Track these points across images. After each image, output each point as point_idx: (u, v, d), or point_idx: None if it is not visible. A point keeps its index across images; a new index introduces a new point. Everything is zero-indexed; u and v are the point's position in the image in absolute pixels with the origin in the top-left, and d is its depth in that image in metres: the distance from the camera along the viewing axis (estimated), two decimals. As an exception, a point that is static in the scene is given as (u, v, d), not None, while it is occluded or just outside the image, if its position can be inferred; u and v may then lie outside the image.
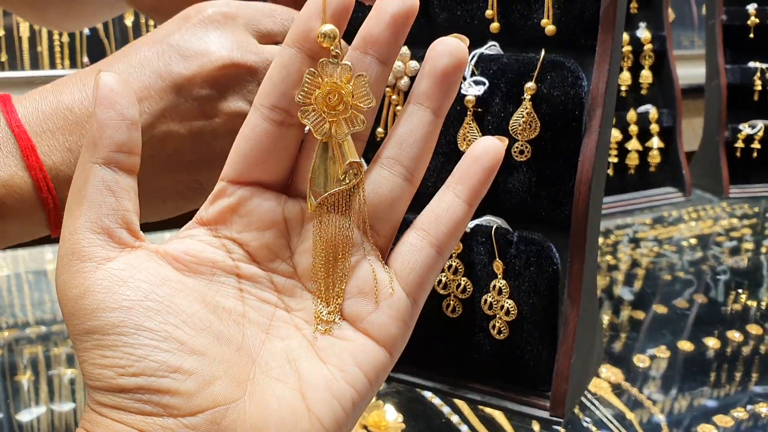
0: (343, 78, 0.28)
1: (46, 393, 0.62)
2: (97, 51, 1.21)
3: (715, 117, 1.20)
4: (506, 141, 0.31)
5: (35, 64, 1.17)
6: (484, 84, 0.51)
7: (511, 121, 0.50)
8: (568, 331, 0.49)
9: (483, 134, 0.51)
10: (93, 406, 0.27)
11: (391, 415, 0.57)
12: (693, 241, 1.03)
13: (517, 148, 0.50)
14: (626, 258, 0.97)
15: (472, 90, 0.51)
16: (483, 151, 0.31)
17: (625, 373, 0.66)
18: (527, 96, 0.49)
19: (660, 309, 0.79)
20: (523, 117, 0.49)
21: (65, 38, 1.19)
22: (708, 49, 1.23)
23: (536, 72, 0.49)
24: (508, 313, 0.51)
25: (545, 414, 0.50)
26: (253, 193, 0.30)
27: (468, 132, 0.51)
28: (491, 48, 0.52)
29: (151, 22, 1.24)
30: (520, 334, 0.52)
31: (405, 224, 0.32)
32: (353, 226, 0.30)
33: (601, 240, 1.03)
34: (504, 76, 0.50)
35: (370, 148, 0.54)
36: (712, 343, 0.72)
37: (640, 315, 0.78)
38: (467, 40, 0.29)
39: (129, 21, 1.23)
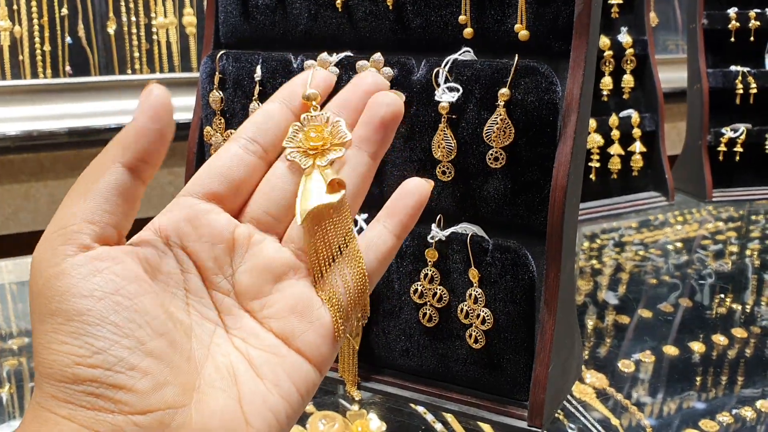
0: (322, 122, 0.33)
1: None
2: (79, 59, 1.20)
3: (698, 121, 1.20)
4: (432, 184, 0.35)
5: (17, 74, 1.16)
6: (457, 90, 0.50)
7: (485, 128, 0.49)
8: (545, 339, 0.48)
9: (457, 141, 0.50)
10: (41, 400, 0.26)
11: (374, 423, 0.57)
12: (679, 244, 1.02)
13: (491, 155, 0.49)
14: (611, 262, 0.96)
15: (446, 96, 0.50)
16: (414, 188, 0.34)
17: (610, 379, 0.65)
18: (501, 102, 0.48)
19: (645, 313, 0.79)
20: (497, 123, 0.49)
21: (47, 47, 1.18)
22: (689, 53, 1.23)
23: (510, 78, 0.48)
24: (484, 321, 0.50)
25: (523, 424, 0.49)
26: (212, 209, 0.32)
27: (443, 139, 0.51)
28: (465, 54, 0.51)
29: (134, 30, 1.23)
30: (497, 342, 0.51)
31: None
32: (344, 235, 0.32)
33: (586, 244, 1.03)
34: (478, 82, 0.49)
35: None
36: (697, 347, 0.71)
37: (625, 319, 0.78)
38: (403, 96, 0.34)
39: (111, 29, 1.22)
